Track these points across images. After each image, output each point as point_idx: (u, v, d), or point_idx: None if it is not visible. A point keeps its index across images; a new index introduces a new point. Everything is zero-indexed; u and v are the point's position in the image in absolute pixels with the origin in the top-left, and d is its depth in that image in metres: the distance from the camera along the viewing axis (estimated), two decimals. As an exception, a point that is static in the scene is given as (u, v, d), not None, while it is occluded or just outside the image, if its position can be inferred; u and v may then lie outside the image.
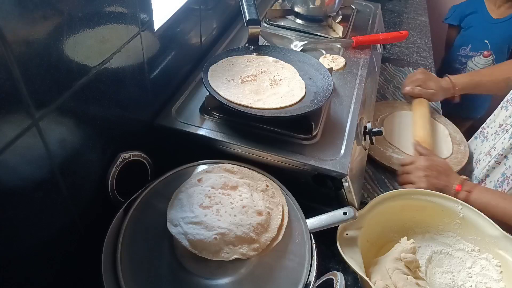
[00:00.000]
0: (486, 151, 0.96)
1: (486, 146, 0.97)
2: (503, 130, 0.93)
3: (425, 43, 1.45)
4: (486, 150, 0.96)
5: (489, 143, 0.96)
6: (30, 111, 0.40)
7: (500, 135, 0.93)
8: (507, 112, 0.94)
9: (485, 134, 1.01)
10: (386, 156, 0.91)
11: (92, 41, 0.48)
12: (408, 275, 0.60)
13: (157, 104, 0.72)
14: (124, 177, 0.58)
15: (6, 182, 0.40)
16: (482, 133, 1.02)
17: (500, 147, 0.89)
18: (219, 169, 0.63)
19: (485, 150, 0.96)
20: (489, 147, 0.95)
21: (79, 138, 0.50)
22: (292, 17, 1.07)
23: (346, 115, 0.76)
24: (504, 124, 0.94)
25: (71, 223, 0.54)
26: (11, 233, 0.43)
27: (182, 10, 0.72)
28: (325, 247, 0.66)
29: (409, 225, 0.75)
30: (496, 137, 0.95)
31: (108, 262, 0.50)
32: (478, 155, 0.99)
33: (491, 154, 0.92)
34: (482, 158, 0.96)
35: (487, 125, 1.01)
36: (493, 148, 0.93)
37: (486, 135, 1.00)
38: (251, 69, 0.77)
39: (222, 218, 0.54)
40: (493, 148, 0.93)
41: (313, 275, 0.53)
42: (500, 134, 0.94)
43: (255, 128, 0.69)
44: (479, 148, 1.01)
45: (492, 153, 0.92)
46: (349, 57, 0.93)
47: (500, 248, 0.68)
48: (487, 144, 0.97)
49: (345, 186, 0.65)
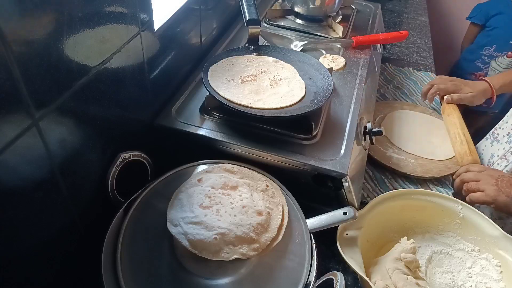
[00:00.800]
0: (500, 154, 0.94)
1: (499, 148, 0.96)
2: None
3: (425, 43, 1.45)
4: (500, 153, 0.94)
5: (503, 146, 0.95)
6: (30, 111, 0.40)
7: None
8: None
9: (495, 135, 0.99)
10: (386, 156, 0.91)
11: (92, 41, 0.48)
12: (408, 275, 0.60)
13: (157, 104, 0.72)
14: (124, 177, 0.58)
15: (6, 182, 0.40)
16: (493, 134, 1.00)
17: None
18: (219, 169, 0.63)
19: (500, 154, 0.94)
20: (504, 150, 0.93)
21: (79, 138, 0.50)
22: (292, 17, 1.07)
23: (346, 115, 0.76)
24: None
25: (71, 223, 0.54)
26: (11, 233, 0.43)
27: (182, 10, 0.72)
28: (325, 247, 0.66)
29: (409, 225, 0.75)
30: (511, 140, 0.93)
31: (108, 262, 0.50)
32: (491, 158, 0.97)
33: (507, 158, 0.91)
34: (496, 161, 0.94)
35: (499, 127, 1.00)
36: (509, 152, 0.91)
37: (496, 137, 0.99)
38: (251, 69, 0.77)
39: (222, 218, 0.54)
40: (508, 152, 0.91)
41: (313, 275, 0.53)
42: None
43: (255, 128, 0.69)
44: (489, 150, 0.99)
45: (508, 158, 0.91)
46: (349, 57, 0.93)
47: (500, 248, 0.68)
48: (500, 147, 0.96)
49: (345, 186, 0.65)
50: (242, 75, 0.75)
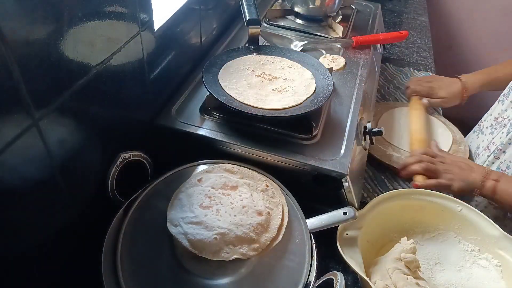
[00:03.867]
0: (484, 145, 0.95)
1: (483, 140, 0.97)
2: (500, 124, 0.93)
3: (425, 43, 1.45)
4: (484, 144, 0.96)
5: (486, 137, 0.96)
6: (30, 111, 0.40)
7: (498, 129, 0.93)
8: (503, 106, 0.94)
9: (481, 128, 1.01)
10: (386, 155, 0.91)
11: (92, 41, 0.48)
12: (408, 275, 0.60)
13: (157, 104, 0.72)
14: (124, 177, 0.58)
15: (6, 182, 0.40)
16: (479, 126, 1.02)
17: (498, 142, 0.89)
18: (219, 169, 0.63)
19: (484, 145, 0.96)
20: (487, 141, 0.95)
21: (79, 138, 0.50)
22: (292, 17, 1.07)
23: (346, 115, 0.76)
24: (500, 118, 0.94)
25: (71, 223, 0.54)
26: (11, 233, 0.43)
27: (182, 10, 0.72)
28: (325, 247, 0.66)
29: (409, 225, 0.75)
30: (494, 131, 0.94)
31: (108, 262, 0.50)
32: (476, 149, 0.99)
33: (490, 149, 0.92)
34: (480, 152, 0.96)
35: (484, 119, 1.01)
36: (492, 142, 0.92)
37: (482, 129, 1.00)
38: (259, 69, 0.78)
39: (222, 218, 0.54)
40: (491, 143, 0.92)
41: (313, 275, 0.53)
42: (497, 128, 0.94)
43: (255, 128, 0.69)
44: (475, 141, 1.01)
45: (491, 148, 0.92)
46: (349, 57, 0.93)
47: (500, 248, 0.68)
48: (484, 138, 0.97)
49: (345, 186, 0.65)
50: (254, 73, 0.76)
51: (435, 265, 0.71)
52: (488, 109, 1.03)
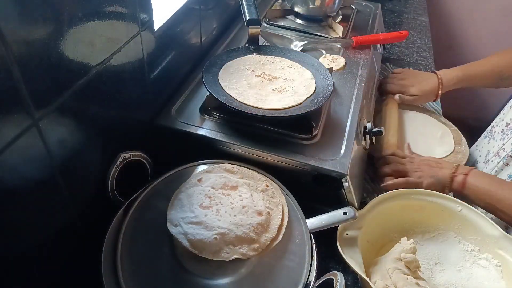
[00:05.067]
0: (495, 151, 0.94)
1: (494, 145, 0.96)
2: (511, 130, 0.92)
3: (425, 43, 1.45)
4: (495, 150, 0.94)
5: (497, 143, 0.94)
6: (30, 111, 0.40)
7: (509, 135, 0.91)
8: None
9: (492, 133, 0.99)
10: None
11: (92, 41, 0.48)
12: (408, 275, 0.60)
13: (157, 104, 0.72)
14: (124, 177, 0.58)
15: (6, 182, 0.40)
16: (490, 131, 1.00)
17: (509, 148, 0.88)
18: (219, 169, 0.63)
19: (494, 150, 0.94)
20: (498, 147, 0.93)
21: (79, 138, 0.50)
22: (292, 17, 1.07)
23: (346, 115, 0.76)
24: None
25: (71, 223, 0.54)
26: (11, 233, 0.43)
27: (182, 10, 0.72)
28: (325, 247, 0.66)
29: (409, 225, 0.75)
30: (505, 137, 0.93)
31: (108, 262, 0.50)
32: (487, 155, 0.97)
33: (500, 155, 0.91)
34: (491, 158, 0.94)
35: (496, 124, 0.99)
36: (502, 148, 0.91)
37: (493, 134, 0.98)
38: (259, 69, 0.78)
39: (222, 218, 0.54)
40: (502, 149, 0.91)
41: (313, 275, 0.53)
42: (508, 134, 0.92)
43: (255, 128, 0.69)
44: (486, 147, 0.98)
45: (501, 154, 0.91)
46: (349, 57, 0.93)
47: (500, 248, 0.68)
48: (495, 144, 0.95)
49: (345, 186, 0.65)
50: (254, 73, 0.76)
51: (435, 265, 0.71)
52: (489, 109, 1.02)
